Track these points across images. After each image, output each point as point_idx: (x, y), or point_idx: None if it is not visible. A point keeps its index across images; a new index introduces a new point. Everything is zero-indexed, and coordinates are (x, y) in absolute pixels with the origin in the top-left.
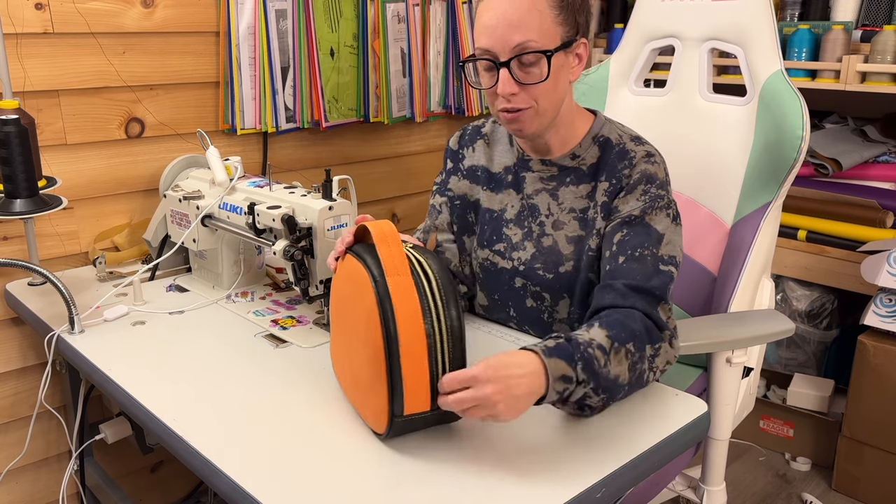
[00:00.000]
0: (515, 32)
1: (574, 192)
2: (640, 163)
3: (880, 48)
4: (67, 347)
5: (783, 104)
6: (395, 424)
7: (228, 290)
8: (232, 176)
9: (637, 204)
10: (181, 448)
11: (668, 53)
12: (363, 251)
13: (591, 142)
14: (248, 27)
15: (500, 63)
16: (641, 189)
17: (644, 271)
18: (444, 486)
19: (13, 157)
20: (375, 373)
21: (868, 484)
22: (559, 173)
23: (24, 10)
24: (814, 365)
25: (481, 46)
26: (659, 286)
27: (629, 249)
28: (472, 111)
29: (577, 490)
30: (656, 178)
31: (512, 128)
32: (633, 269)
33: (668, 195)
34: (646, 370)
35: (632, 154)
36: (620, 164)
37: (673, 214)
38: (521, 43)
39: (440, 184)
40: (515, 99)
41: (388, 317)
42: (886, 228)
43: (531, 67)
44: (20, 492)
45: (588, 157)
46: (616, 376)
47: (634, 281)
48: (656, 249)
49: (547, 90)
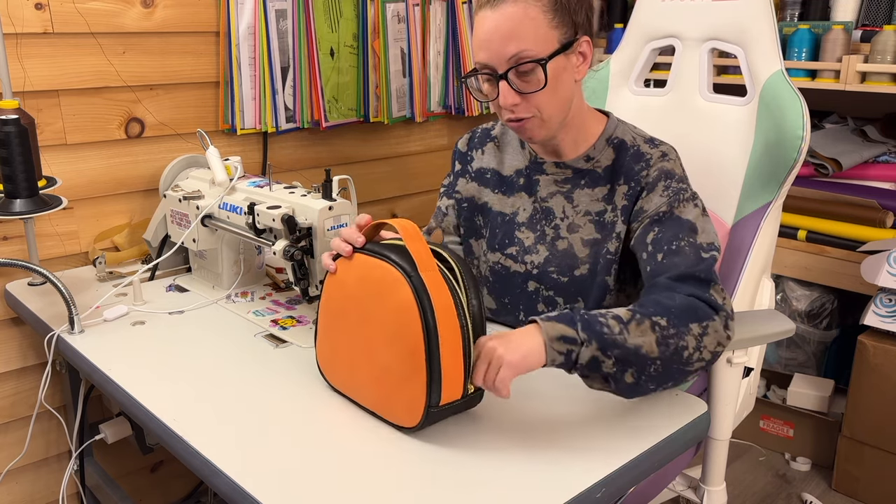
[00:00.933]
0: (510, 43)
1: (590, 194)
2: (656, 162)
3: (880, 48)
4: (67, 347)
5: (783, 104)
6: (429, 415)
7: (228, 290)
8: (232, 176)
9: (662, 200)
10: (181, 448)
11: (668, 53)
12: (382, 249)
13: (605, 144)
14: (248, 27)
15: (499, 76)
16: (662, 185)
17: (686, 261)
18: (444, 486)
19: (13, 157)
20: (412, 367)
21: (868, 484)
22: (573, 175)
23: (24, 10)
24: (814, 365)
25: (480, 61)
26: (705, 270)
27: (665, 245)
28: (472, 111)
29: (577, 490)
30: (674, 174)
31: (522, 136)
32: (674, 262)
33: (689, 188)
34: (687, 347)
35: (648, 156)
36: (637, 165)
37: (701, 206)
38: (515, 54)
39: (448, 186)
40: (518, 109)
41: (426, 310)
42: (886, 228)
43: (529, 76)
44: (20, 492)
45: (603, 159)
46: (637, 346)
47: (679, 271)
48: (693, 239)
49: (548, 97)
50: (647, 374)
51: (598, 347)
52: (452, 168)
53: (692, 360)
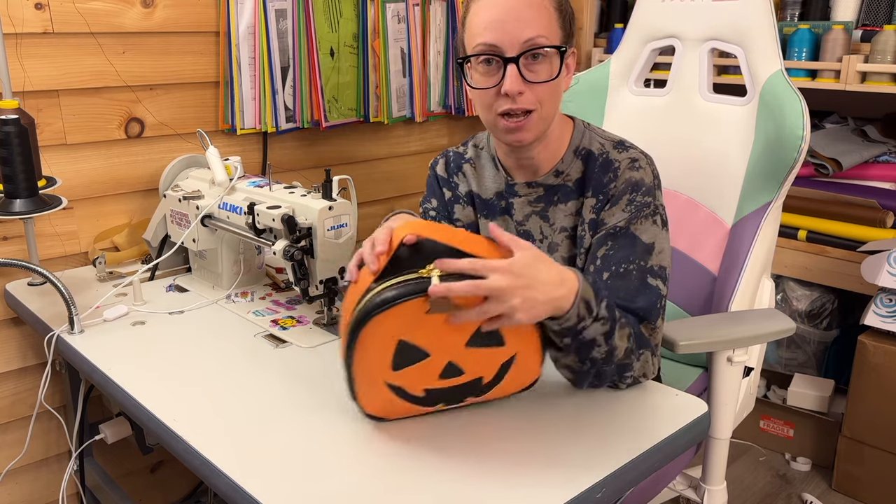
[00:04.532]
0: (526, 27)
1: (563, 209)
2: (624, 172)
3: (880, 48)
4: (67, 347)
5: (783, 104)
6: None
7: (228, 290)
8: (232, 176)
9: (623, 215)
10: (181, 448)
11: (668, 53)
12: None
13: (573, 156)
14: (247, 27)
15: (508, 58)
16: (627, 199)
17: (628, 288)
18: (444, 486)
19: (13, 157)
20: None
21: (868, 484)
22: (546, 193)
23: (24, 10)
24: (814, 365)
25: (485, 42)
26: (644, 306)
27: (613, 265)
28: (472, 111)
29: (577, 490)
30: (642, 185)
31: (512, 137)
32: (617, 286)
33: (654, 200)
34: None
35: (616, 164)
36: (605, 176)
37: (661, 221)
38: (532, 38)
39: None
40: (521, 99)
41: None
42: (886, 228)
43: (540, 65)
44: (20, 492)
45: (572, 172)
46: (615, 347)
47: (618, 299)
48: (644, 262)
49: (551, 92)
50: (602, 370)
51: (605, 334)
52: (438, 195)
53: (626, 378)
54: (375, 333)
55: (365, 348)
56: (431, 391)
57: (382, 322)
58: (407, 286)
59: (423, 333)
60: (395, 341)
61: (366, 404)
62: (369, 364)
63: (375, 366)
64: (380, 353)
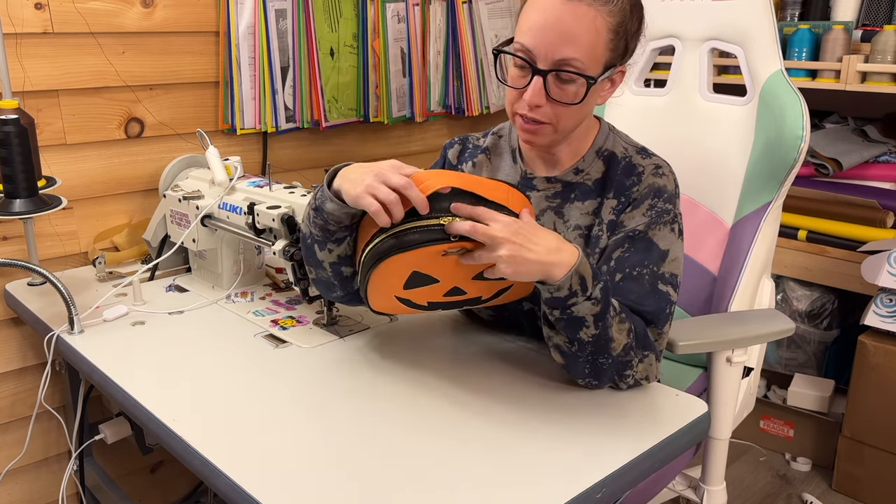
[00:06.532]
0: (566, 45)
1: (580, 208)
2: (648, 177)
3: (880, 48)
4: (67, 347)
5: (783, 104)
6: None
7: (228, 290)
8: (232, 176)
9: (643, 220)
10: (181, 448)
11: (668, 53)
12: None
13: (594, 156)
14: (247, 27)
15: (537, 70)
16: (648, 204)
17: (639, 291)
18: (443, 486)
19: (13, 157)
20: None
21: (868, 484)
22: (563, 189)
23: (24, 10)
24: (814, 365)
25: (523, 43)
26: (653, 310)
27: (627, 267)
28: (472, 111)
29: (577, 490)
30: (664, 192)
31: (524, 137)
32: (628, 288)
33: (675, 208)
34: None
35: (640, 168)
36: (628, 180)
37: (678, 229)
38: (567, 59)
39: None
40: (538, 111)
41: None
42: (886, 228)
43: (567, 85)
44: (20, 492)
45: (593, 171)
46: (611, 338)
47: (628, 301)
48: (657, 268)
49: (572, 112)
50: (596, 362)
51: (596, 316)
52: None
53: (626, 378)
54: (393, 265)
55: (381, 274)
56: (434, 303)
57: (402, 258)
58: (429, 232)
59: (436, 267)
60: (410, 271)
61: (374, 305)
62: (384, 283)
63: (390, 286)
64: (395, 278)
